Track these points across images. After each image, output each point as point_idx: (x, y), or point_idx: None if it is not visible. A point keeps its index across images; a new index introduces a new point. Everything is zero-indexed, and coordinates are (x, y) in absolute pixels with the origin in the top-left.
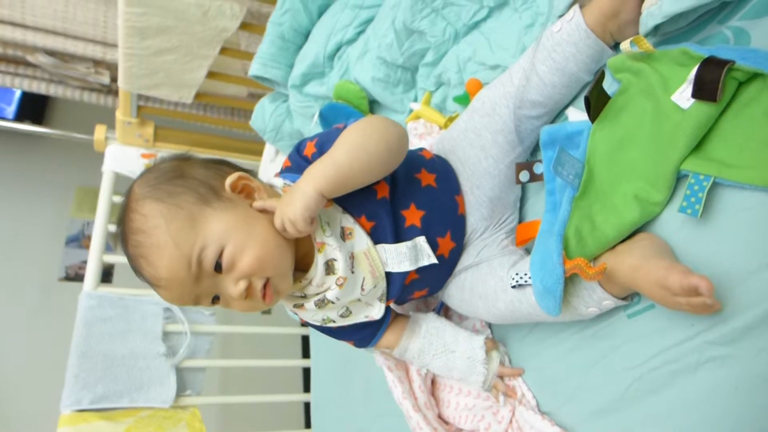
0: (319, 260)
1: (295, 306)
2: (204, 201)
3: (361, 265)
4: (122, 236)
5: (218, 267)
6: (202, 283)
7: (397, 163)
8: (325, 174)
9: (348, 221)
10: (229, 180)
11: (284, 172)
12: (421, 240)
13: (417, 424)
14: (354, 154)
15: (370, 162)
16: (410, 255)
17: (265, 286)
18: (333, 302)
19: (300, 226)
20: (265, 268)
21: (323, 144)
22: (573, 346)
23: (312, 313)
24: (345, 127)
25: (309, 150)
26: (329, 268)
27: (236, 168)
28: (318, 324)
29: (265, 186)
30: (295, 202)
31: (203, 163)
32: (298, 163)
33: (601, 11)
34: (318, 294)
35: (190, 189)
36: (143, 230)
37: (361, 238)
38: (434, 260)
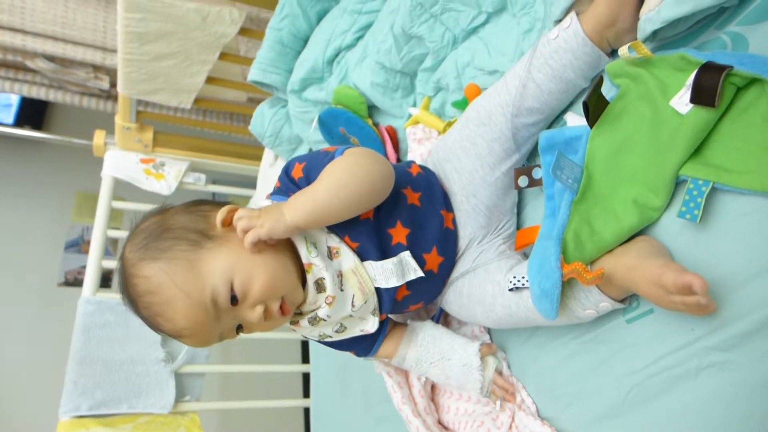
0: (309, 280)
1: (291, 323)
2: (196, 245)
3: (350, 283)
4: (131, 302)
5: (233, 300)
6: (223, 320)
7: (379, 201)
8: (304, 209)
9: (333, 241)
10: (220, 216)
11: (274, 194)
12: (406, 255)
13: (416, 430)
14: (335, 191)
15: (350, 201)
16: (396, 270)
17: (281, 304)
18: (324, 320)
19: (256, 233)
20: (276, 289)
21: (310, 170)
22: (572, 352)
23: (308, 330)
24: (333, 154)
25: (296, 173)
26: (319, 286)
27: (215, 204)
28: (316, 339)
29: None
30: (273, 221)
31: (183, 210)
32: (286, 185)
33: (599, 20)
34: (311, 312)
35: (179, 239)
36: (150, 291)
37: (347, 257)
38: (420, 274)
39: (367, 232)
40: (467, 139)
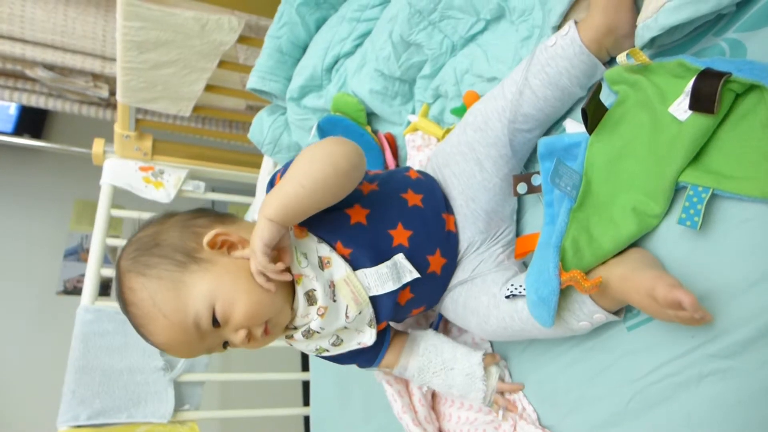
0: (299, 292)
1: (287, 337)
2: (182, 267)
3: (342, 293)
4: (123, 308)
5: (216, 323)
6: (207, 339)
7: (351, 181)
8: (271, 202)
9: (324, 250)
10: (206, 239)
11: None
12: (400, 257)
13: None
14: (296, 180)
15: (315, 186)
16: (392, 274)
17: (264, 328)
18: (318, 332)
19: (258, 257)
20: (258, 316)
21: (284, 173)
22: (573, 359)
23: (304, 344)
24: None
25: (277, 182)
26: (310, 298)
27: (214, 218)
28: (314, 353)
29: (247, 229)
30: (258, 232)
31: (179, 224)
32: None
33: (597, 29)
34: (304, 325)
35: (165, 257)
36: (134, 303)
37: (339, 266)
38: (416, 275)
39: (361, 237)
40: (465, 144)
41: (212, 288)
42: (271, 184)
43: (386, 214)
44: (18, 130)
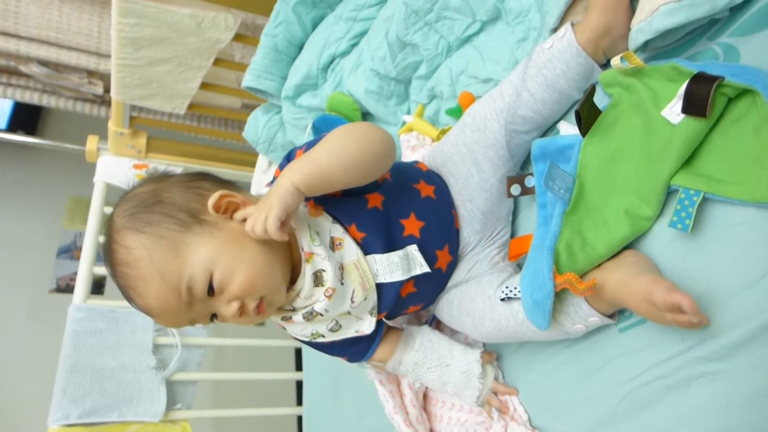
0: (308, 271)
1: (283, 319)
2: (185, 227)
3: (350, 276)
4: (110, 268)
5: (210, 291)
6: (195, 308)
7: (382, 166)
8: (300, 168)
9: (337, 231)
10: (212, 201)
11: (273, 182)
12: (413, 248)
13: None
14: (332, 152)
15: (350, 161)
16: (402, 264)
17: (258, 303)
18: (321, 314)
19: (273, 222)
20: (256, 288)
21: (310, 148)
22: (565, 360)
23: (300, 327)
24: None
25: (298, 156)
26: (317, 279)
27: (217, 182)
28: (307, 339)
29: (251, 197)
30: (271, 197)
31: (181, 184)
32: None
33: (593, 30)
34: (306, 306)
35: (168, 216)
36: (127, 262)
37: (350, 249)
38: (427, 269)
39: (375, 223)
40: (463, 144)
41: (214, 254)
42: (288, 159)
43: (400, 202)
44: (12, 127)
